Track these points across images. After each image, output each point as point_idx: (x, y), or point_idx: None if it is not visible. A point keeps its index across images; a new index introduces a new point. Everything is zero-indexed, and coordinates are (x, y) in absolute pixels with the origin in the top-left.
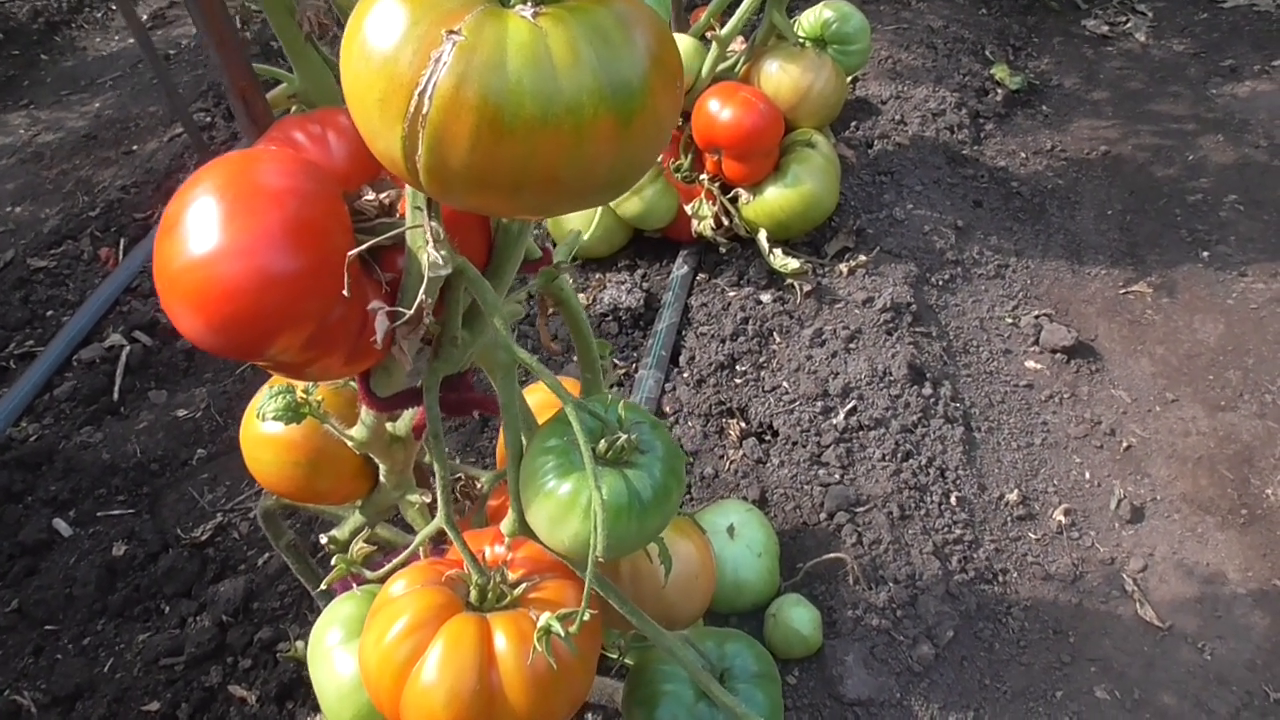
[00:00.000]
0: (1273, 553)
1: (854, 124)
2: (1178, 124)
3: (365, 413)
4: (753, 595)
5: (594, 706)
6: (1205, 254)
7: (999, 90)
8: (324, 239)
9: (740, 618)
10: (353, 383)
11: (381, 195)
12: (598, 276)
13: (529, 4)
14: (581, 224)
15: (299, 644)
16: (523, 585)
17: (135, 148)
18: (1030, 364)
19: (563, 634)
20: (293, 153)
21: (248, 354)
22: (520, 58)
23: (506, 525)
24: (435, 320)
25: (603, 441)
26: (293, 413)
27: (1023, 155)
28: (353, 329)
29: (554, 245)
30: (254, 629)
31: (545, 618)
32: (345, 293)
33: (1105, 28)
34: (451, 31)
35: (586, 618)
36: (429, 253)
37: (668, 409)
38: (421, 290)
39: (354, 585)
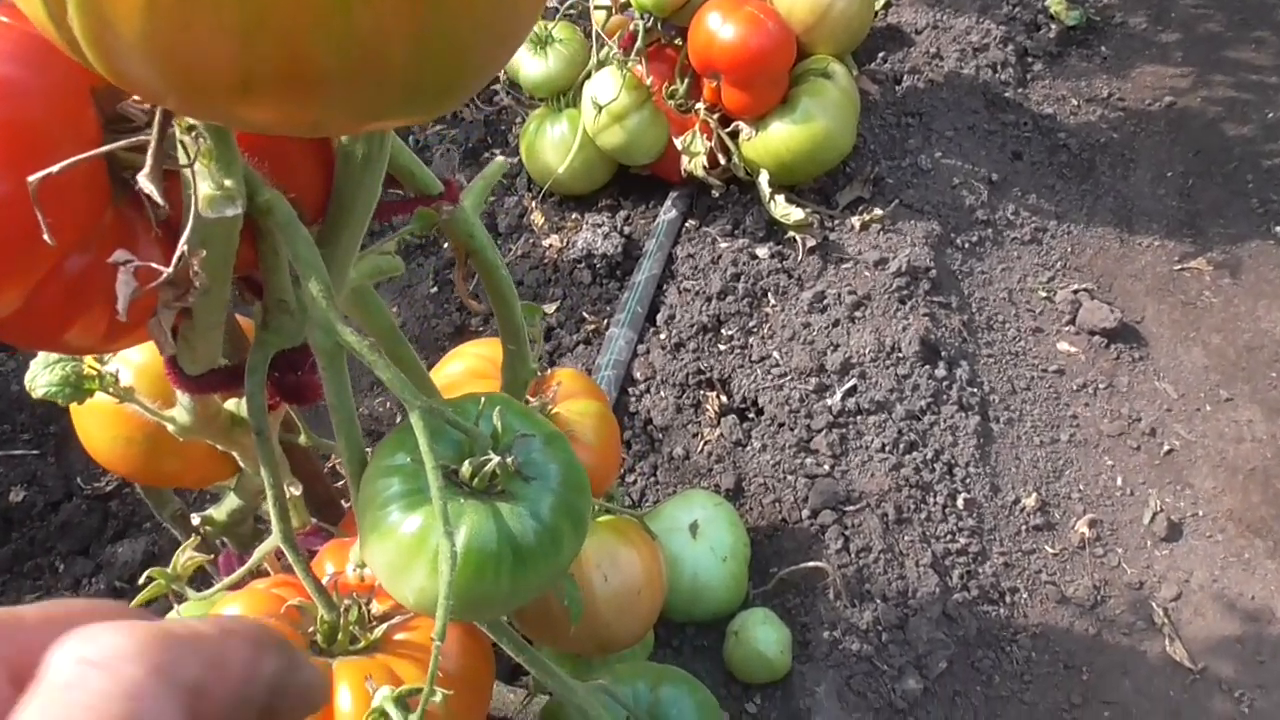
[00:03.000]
0: None
1: (881, 55)
2: (1258, 76)
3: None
4: (714, 604)
5: None
6: (1278, 229)
7: (1053, 25)
8: (52, 155)
9: (698, 628)
10: None
11: None
12: (574, 217)
13: None
14: (557, 157)
15: None
16: (387, 623)
17: None
18: (1063, 346)
19: None
20: (23, 28)
21: None
22: None
23: (356, 554)
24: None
25: (467, 464)
26: (73, 389)
27: (1074, 102)
28: (110, 287)
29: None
30: None
31: (380, 697)
32: (47, 238)
33: None
34: None
35: (438, 698)
36: (203, 182)
37: (638, 375)
38: (183, 239)
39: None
